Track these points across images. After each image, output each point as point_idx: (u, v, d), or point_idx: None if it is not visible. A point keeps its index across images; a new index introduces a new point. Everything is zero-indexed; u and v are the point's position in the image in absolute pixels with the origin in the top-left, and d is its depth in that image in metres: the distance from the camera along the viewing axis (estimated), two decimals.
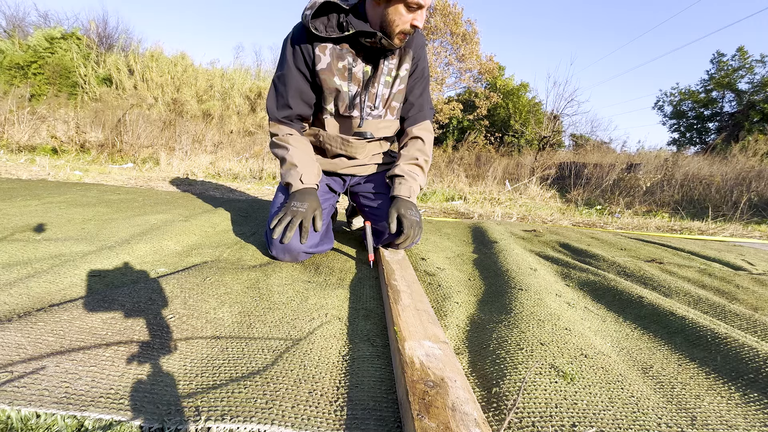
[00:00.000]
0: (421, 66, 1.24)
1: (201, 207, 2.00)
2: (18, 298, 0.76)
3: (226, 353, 0.63)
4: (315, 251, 1.22)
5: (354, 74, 1.15)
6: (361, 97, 1.19)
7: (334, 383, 0.57)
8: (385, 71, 1.17)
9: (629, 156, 7.18)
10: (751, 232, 2.87)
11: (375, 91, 1.20)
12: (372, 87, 1.19)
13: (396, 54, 1.17)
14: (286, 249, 1.14)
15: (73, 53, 8.44)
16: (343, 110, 1.22)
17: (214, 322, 0.73)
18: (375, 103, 1.22)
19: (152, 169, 4.35)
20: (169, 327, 0.69)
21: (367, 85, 1.18)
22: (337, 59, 1.13)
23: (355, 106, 1.21)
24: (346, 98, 1.19)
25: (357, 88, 1.18)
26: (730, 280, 1.25)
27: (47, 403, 0.47)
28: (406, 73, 1.21)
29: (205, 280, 0.92)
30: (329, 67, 1.13)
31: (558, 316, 0.82)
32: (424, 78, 1.27)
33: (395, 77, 1.20)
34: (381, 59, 1.15)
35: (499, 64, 12.49)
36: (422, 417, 0.44)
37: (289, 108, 1.20)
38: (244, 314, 0.78)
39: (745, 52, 12.96)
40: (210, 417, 0.47)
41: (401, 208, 1.16)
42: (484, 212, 3.17)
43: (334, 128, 1.27)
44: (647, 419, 0.52)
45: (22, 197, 1.85)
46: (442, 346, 0.62)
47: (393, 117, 1.29)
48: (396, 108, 1.27)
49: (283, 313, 0.81)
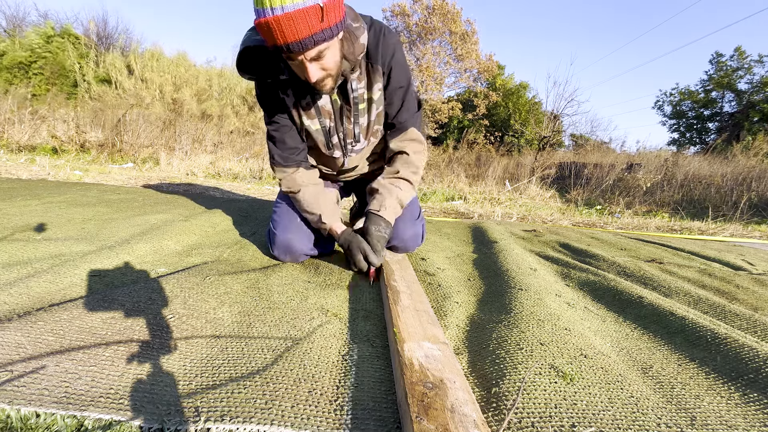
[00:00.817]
0: (395, 76, 1.05)
1: (201, 207, 2.00)
2: (18, 297, 0.76)
3: (226, 353, 0.63)
4: (314, 253, 1.21)
5: (322, 108, 1.05)
6: (338, 134, 1.11)
7: (333, 383, 0.57)
8: (357, 97, 1.03)
9: (629, 156, 7.17)
10: (751, 232, 2.87)
11: (351, 125, 1.09)
12: (347, 120, 1.08)
13: (363, 72, 1.02)
14: (287, 250, 1.13)
15: (70, 52, 8.44)
16: (324, 149, 1.15)
17: (214, 322, 0.73)
18: (356, 137, 1.12)
19: (152, 168, 4.35)
20: (168, 327, 0.69)
21: (341, 117, 1.07)
22: (298, 97, 1.03)
23: (334, 145, 1.13)
24: (321, 137, 1.11)
25: (329, 123, 1.08)
26: (730, 280, 1.25)
27: (47, 402, 0.47)
28: (380, 94, 1.07)
29: (205, 279, 0.92)
30: (295, 107, 1.05)
31: (558, 316, 0.82)
32: (401, 86, 1.09)
33: (369, 101, 1.07)
34: (348, 85, 1.00)
35: (499, 63, 12.50)
36: (421, 419, 0.44)
37: (288, 150, 1.13)
38: (244, 314, 0.78)
39: (743, 53, 12.98)
40: (210, 417, 0.47)
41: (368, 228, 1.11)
42: (484, 212, 3.17)
43: (316, 164, 1.24)
44: (647, 419, 0.52)
45: (22, 197, 1.85)
46: (442, 347, 0.62)
47: (378, 139, 1.21)
48: (380, 130, 1.17)
49: (282, 312, 0.81)
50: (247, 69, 0.94)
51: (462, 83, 11.90)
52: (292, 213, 1.18)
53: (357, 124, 1.09)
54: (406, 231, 1.24)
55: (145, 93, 8.18)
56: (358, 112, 1.06)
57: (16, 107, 5.46)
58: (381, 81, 1.04)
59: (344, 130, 1.10)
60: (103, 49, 9.28)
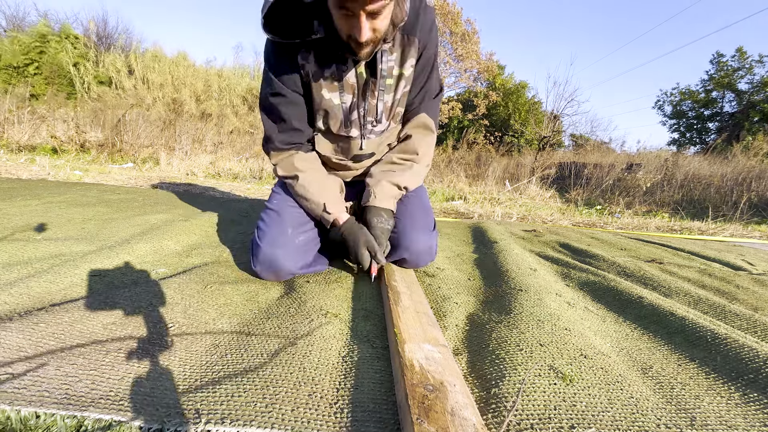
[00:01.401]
0: (427, 54, 0.96)
1: (201, 207, 2.00)
2: (18, 297, 0.76)
3: (225, 359, 0.62)
4: (307, 272, 1.04)
5: (346, 81, 0.92)
6: (359, 110, 0.96)
7: (333, 385, 0.57)
8: (385, 71, 0.91)
9: (629, 156, 7.18)
10: (751, 232, 2.87)
11: (375, 100, 0.95)
12: (371, 96, 0.94)
13: (396, 45, 0.90)
14: (272, 267, 0.96)
15: (69, 52, 8.44)
16: (337, 129, 0.99)
17: (214, 332, 0.73)
18: (377, 116, 0.97)
19: (152, 168, 4.35)
20: (169, 334, 0.70)
21: (364, 92, 0.94)
22: (322, 65, 0.90)
23: (352, 123, 0.98)
24: (339, 113, 0.96)
25: (352, 98, 0.95)
26: (730, 280, 1.25)
27: (47, 403, 0.47)
28: (411, 71, 0.95)
29: (206, 287, 0.92)
30: (315, 77, 0.91)
31: (558, 316, 0.82)
32: (428, 65, 0.99)
33: (399, 77, 0.95)
34: (377, 56, 0.89)
35: (499, 63, 12.50)
36: (422, 421, 0.44)
37: (291, 131, 0.99)
38: (243, 324, 0.78)
39: (744, 53, 12.98)
40: (210, 420, 0.47)
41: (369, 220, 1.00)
42: (484, 212, 3.17)
43: (326, 148, 1.06)
44: (646, 420, 0.52)
45: (22, 197, 1.85)
46: (442, 350, 0.62)
47: (398, 124, 1.06)
48: (401, 114, 1.04)
49: (282, 313, 0.81)
50: (273, 27, 0.80)
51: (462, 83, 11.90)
52: (283, 223, 1.00)
53: (381, 100, 0.95)
54: (419, 241, 1.04)
55: (145, 93, 8.18)
56: (384, 88, 0.93)
57: (15, 107, 5.46)
58: (415, 56, 0.93)
59: (366, 105, 0.96)
60: (103, 49, 9.28)
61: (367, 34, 0.75)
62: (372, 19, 0.74)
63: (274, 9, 0.77)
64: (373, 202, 1.01)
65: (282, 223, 1.00)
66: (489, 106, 11.99)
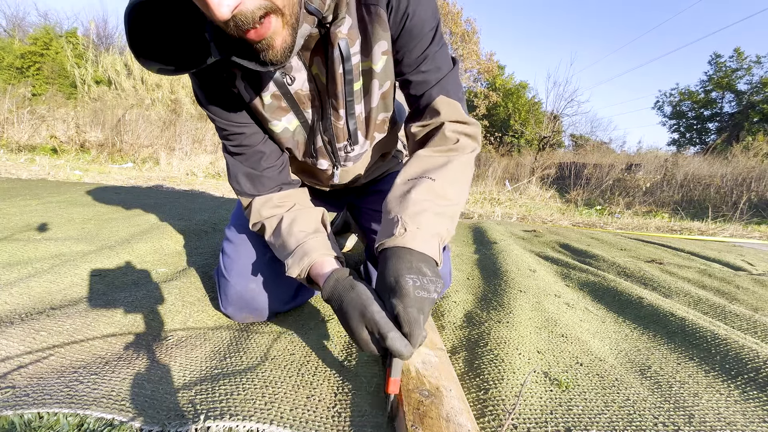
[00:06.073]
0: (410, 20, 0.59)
1: (201, 206, 2.00)
2: (19, 297, 0.76)
3: (225, 363, 0.62)
4: (289, 308, 0.82)
5: (297, 94, 0.64)
6: (321, 135, 0.70)
7: (331, 389, 0.57)
8: (349, 72, 0.61)
9: (629, 156, 7.19)
10: (751, 232, 2.87)
11: (341, 119, 0.67)
12: (334, 113, 0.66)
13: (353, 25, 0.58)
14: (248, 306, 0.74)
15: (69, 53, 8.44)
16: (301, 156, 0.75)
17: (214, 340, 0.73)
18: (351, 136, 0.70)
19: (152, 168, 4.36)
20: (169, 339, 0.70)
21: (323, 108, 0.67)
22: (253, 83, 0.62)
23: (317, 151, 0.73)
24: (301, 136, 0.71)
25: (312, 116, 0.68)
26: (730, 280, 1.25)
27: (49, 403, 0.48)
28: (385, 60, 0.62)
29: (206, 295, 0.92)
30: (253, 102, 0.65)
31: (557, 318, 0.83)
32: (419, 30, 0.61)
33: (367, 75, 0.64)
34: (330, 49, 0.59)
35: (499, 63, 12.50)
36: (416, 428, 0.44)
37: (265, 176, 0.71)
38: (242, 330, 0.78)
39: (742, 53, 13.00)
40: (210, 416, 0.47)
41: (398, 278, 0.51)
42: (484, 212, 3.17)
43: (296, 171, 0.81)
44: (643, 420, 0.52)
45: (22, 197, 1.85)
46: (439, 353, 0.62)
47: (386, 133, 0.78)
48: (386, 120, 0.74)
49: (282, 316, 0.81)
50: (149, 51, 0.49)
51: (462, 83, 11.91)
52: (257, 244, 0.77)
53: (351, 115, 0.66)
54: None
55: (144, 93, 8.19)
56: (352, 98, 0.64)
57: (15, 107, 5.46)
58: (386, 38, 0.60)
59: (330, 126, 0.68)
60: (103, 49, 9.28)
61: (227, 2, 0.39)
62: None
63: (138, 20, 0.46)
64: (403, 240, 0.55)
65: (255, 245, 0.77)
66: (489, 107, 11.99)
